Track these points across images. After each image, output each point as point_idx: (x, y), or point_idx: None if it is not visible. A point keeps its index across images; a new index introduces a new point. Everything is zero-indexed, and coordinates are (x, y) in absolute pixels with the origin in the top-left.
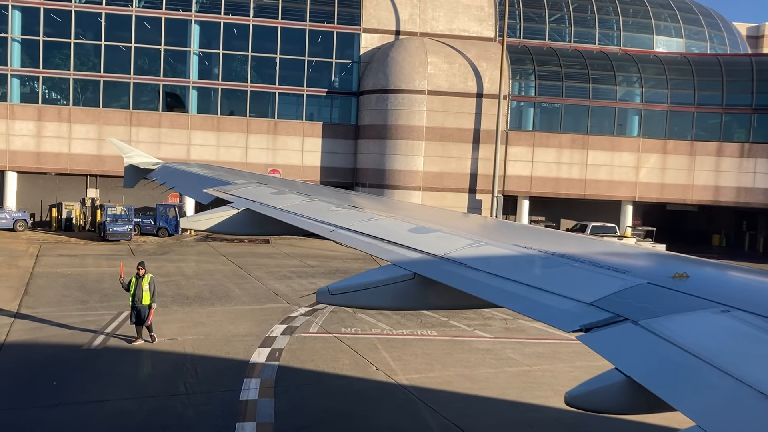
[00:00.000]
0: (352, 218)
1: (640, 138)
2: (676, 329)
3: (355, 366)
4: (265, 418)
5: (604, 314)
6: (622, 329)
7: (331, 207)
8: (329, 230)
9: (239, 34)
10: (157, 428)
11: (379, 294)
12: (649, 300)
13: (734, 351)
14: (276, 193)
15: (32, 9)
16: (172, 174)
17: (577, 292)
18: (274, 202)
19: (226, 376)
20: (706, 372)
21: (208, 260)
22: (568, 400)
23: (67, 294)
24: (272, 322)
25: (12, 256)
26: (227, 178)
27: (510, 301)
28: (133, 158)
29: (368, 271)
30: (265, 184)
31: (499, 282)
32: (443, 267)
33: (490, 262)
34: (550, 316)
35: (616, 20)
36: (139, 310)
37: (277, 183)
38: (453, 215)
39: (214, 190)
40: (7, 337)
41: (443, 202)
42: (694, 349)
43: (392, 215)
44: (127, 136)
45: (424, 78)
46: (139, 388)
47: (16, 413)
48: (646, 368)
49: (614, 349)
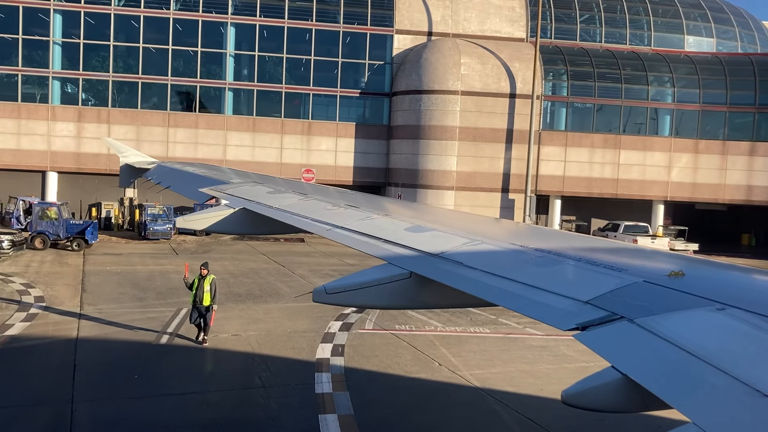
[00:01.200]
0: (349, 217)
1: (672, 138)
2: (672, 327)
3: (418, 362)
4: (344, 411)
5: (600, 312)
6: (618, 327)
7: (327, 206)
8: (326, 229)
9: (274, 36)
10: (246, 419)
11: (375, 293)
12: (645, 298)
13: (730, 348)
14: (272, 192)
15: (73, 12)
16: (167, 173)
17: (574, 291)
18: (270, 201)
19: (297, 371)
20: (701, 370)
21: (249, 259)
22: (565, 399)
23: (123, 291)
24: (327, 318)
25: (60, 255)
26: (223, 178)
27: (506, 299)
28: (129, 157)
29: (364, 270)
30: (261, 184)
31: (495, 280)
32: (439, 265)
33: (487, 261)
34: (546, 314)
35: (647, 20)
36: (199, 310)
37: (274, 182)
38: (446, 213)
39: (210, 190)
40: (78, 333)
41: (476, 201)
42: (689, 347)
43: (388, 214)
44: (165, 137)
45: (457, 79)
46: (217, 382)
47: (105, 404)
48: (642, 366)
49: (610, 347)
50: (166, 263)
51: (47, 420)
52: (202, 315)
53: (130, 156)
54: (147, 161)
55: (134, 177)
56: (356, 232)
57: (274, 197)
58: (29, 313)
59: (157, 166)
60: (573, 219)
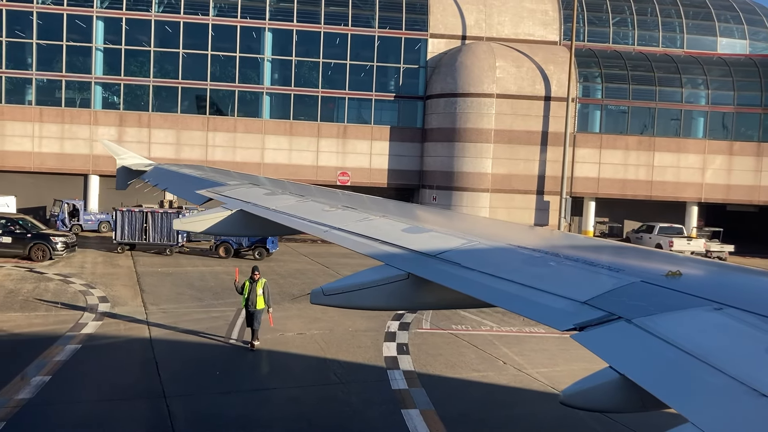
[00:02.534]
0: (346, 218)
1: (706, 139)
2: (669, 327)
3: (483, 360)
4: (424, 406)
5: (597, 313)
6: (615, 327)
7: (324, 207)
8: (323, 231)
9: (310, 40)
10: (332, 413)
11: (373, 294)
12: (643, 298)
13: (727, 348)
14: (269, 194)
15: (114, 19)
16: (164, 175)
17: (571, 291)
18: (267, 203)
19: (369, 368)
20: (698, 369)
21: (292, 260)
22: (563, 399)
23: (181, 292)
24: (384, 318)
25: (108, 257)
26: (219, 180)
27: (504, 300)
28: (126, 160)
29: (362, 272)
30: (258, 185)
31: (492, 281)
32: (437, 266)
33: (484, 261)
34: (544, 315)
35: (679, 22)
36: (252, 313)
37: (270, 184)
38: (443, 214)
39: (207, 192)
40: (150, 332)
41: (511, 203)
42: (687, 347)
43: (386, 215)
44: (204, 141)
45: (492, 82)
46: (295, 378)
47: (195, 399)
48: (640, 366)
49: (608, 347)
50: (214, 264)
51: (147, 414)
52: (255, 319)
53: (127, 158)
54: (144, 163)
55: (131, 179)
56: (353, 233)
57: (271, 199)
58: (98, 313)
59: (154, 168)
60: (606, 221)
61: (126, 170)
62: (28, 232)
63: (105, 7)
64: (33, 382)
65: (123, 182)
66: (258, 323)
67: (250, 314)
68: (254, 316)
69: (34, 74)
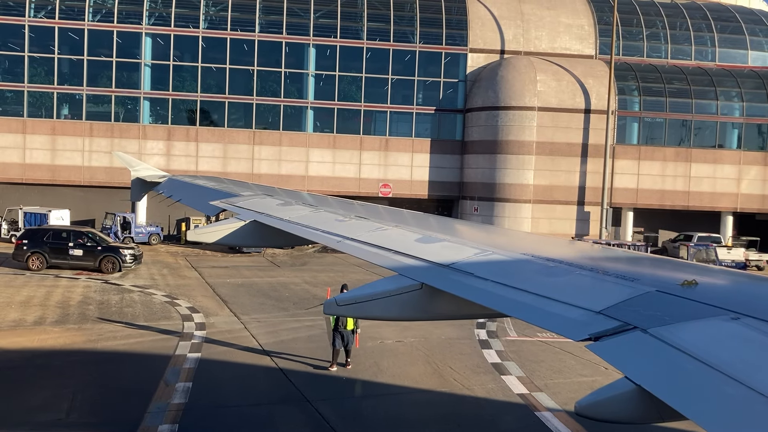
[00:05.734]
0: (359, 228)
1: (741, 150)
2: (686, 337)
3: (584, 366)
4: (555, 408)
5: (612, 323)
6: (631, 338)
7: (338, 217)
8: (336, 241)
9: (353, 56)
10: (466, 414)
11: (386, 304)
12: (658, 308)
13: (745, 358)
14: (282, 205)
15: (163, 36)
16: (178, 186)
17: (586, 301)
18: (280, 214)
19: (481, 372)
20: (717, 380)
21: (349, 270)
22: (578, 410)
23: (261, 302)
24: (466, 326)
25: (171, 268)
26: (233, 190)
27: (518, 310)
28: (140, 171)
29: (375, 282)
30: (271, 196)
31: (506, 291)
32: (450, 276)
33: (498, 271)
34: (558, 325)
35: (710, 36)
36: (342, 334)
37: (285, 195)
38: (454, 223)
39: (221, 202)
40: (257, 340)
41: (553, 214)
42: (704, 357)
43: (399, 225)
44: (250, 155)
45: (533, 95)
46: (413, 382)
47: (338, 402)
48: (656, 376)
49: (623, 357)
50: (277, 275)
51: (301, 418)
52: (347, 339)
53: (141, 170)
54: (158, 175)
55: (145, 191)
56: (366, 243)
57: (285, 209)
58: (197, 323)
59: (168, 179)
60: (641, 230)
61: (141, 182)
62: (98, 245)
63: (152, 24)
64: (178, 387)
65: (138, 194)
66: (351, 343)
67: (340, 335)
68: (344, 336)
69: (84, 90)
